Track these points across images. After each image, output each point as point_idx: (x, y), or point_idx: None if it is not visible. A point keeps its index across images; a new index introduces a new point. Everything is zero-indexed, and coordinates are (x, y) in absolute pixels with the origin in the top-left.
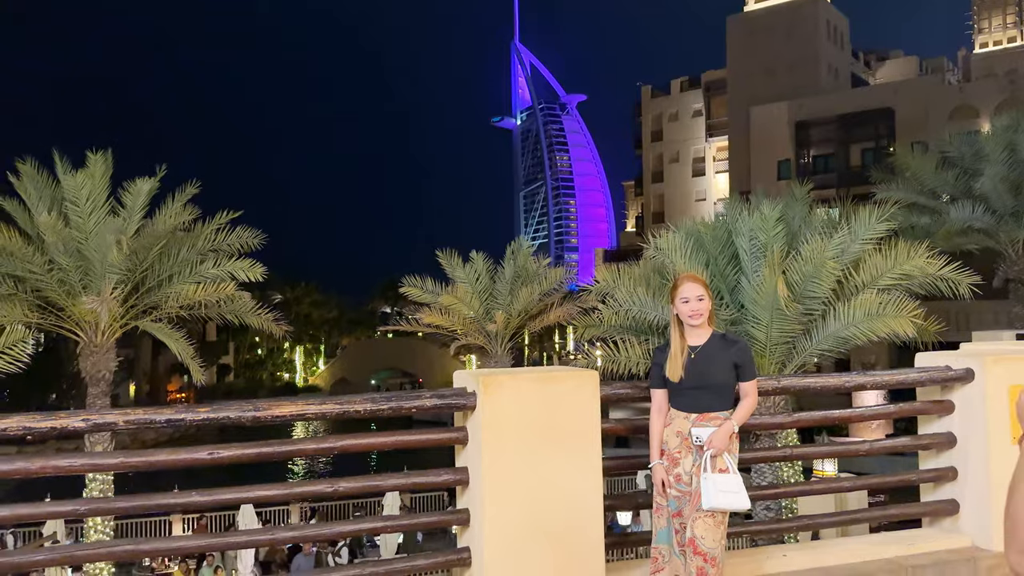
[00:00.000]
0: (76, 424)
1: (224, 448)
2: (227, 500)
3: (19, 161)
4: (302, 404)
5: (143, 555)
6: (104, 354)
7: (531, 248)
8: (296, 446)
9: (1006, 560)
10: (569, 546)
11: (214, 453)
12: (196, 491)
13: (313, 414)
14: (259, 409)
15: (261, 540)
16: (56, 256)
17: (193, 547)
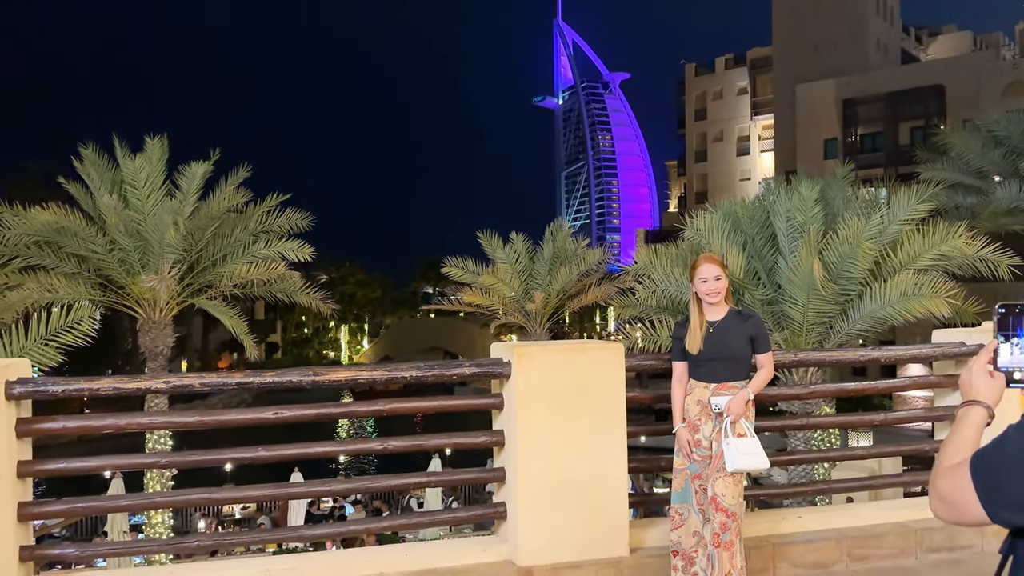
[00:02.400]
0: (158, 386)
1: (287, 409)
2: (291, 455)
3: (81, 146)
4: (355, 370)
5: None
6: (162, 330)
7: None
8: (351, 408)
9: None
10: (595, 502)
11: (279, 413)
12: (262, 446)
13: (365, 379)
14: (318, 374)
15: (320, 491)
16: (117, 236)
17: (256, 496)
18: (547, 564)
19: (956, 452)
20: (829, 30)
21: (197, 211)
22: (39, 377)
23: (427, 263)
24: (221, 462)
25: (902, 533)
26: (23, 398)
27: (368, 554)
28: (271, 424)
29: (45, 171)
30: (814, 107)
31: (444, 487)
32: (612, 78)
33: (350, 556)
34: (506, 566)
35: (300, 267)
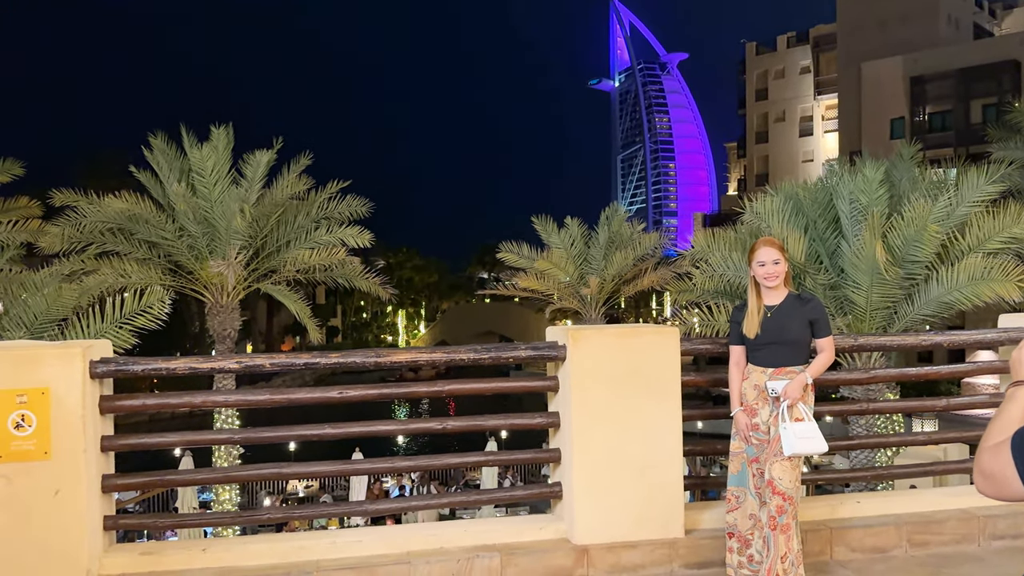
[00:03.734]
0: (231, 366)
1: (352, 388)
2: (355, 432)
3: (151, 136)
4: (415, 352)
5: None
6: (229, 314)
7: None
8: (411, 388)
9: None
10: (650, 483)
11: (344, 392)
12: (328, 424)
13: (425, 361)
14: (380, 356)
15: (382, 467)
16: (185, 223)
17: (321, 472)
18: (602, 543)
19: (1001, 430)
20: (897, 5)
21: (262, 198)
22: (121, 357)
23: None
24: (290, 438)
25: (964, 519)
26: (106, 376)
27: (429, 529)
28: (336, 403)
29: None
30: (880, 85)
31: (500, 468)
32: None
33: (412, 531)
34: (562, 544)
35: (359, 253)
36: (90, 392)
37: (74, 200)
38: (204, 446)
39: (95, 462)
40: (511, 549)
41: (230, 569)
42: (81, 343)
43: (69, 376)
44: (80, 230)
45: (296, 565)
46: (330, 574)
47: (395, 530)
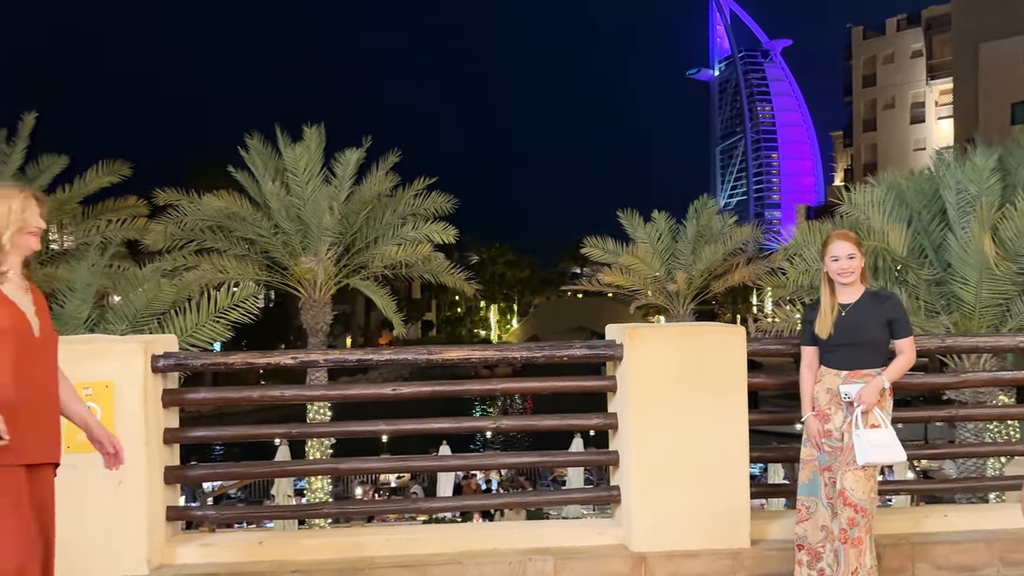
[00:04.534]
0: (286, 361)
1: (405, 385)
2: (407, 430)
3: (248, 136)
4: (468, 349)
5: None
6: (321, 308)
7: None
8: (465, 386)
9: None
10: (714, 490)
11: (397, 389)
12: (383, 420)
13: (477, 359)
14: (432, 353)
15: (455, 464)
16: (280, 221)
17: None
18: (662, 551)
19: None
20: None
21: (351, 196)
22: (183, 352)
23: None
24: (341, 434)
25: None
26: (167, 371)
27: (485, 529)
28: (389, 400)
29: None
30: (1000, 68)
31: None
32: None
33: (466, 531)
34: (619, 550)
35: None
36: (152, 386)
37: (176, 199)
38: (264, 439)
39: (158, 454)
40: (566, 553)
41: (285, 563)
42: (144, 338)
43: (131, 370)
44: (182, 228)
45: (350, 561)
46: (383, 571)
47: (450, 529)
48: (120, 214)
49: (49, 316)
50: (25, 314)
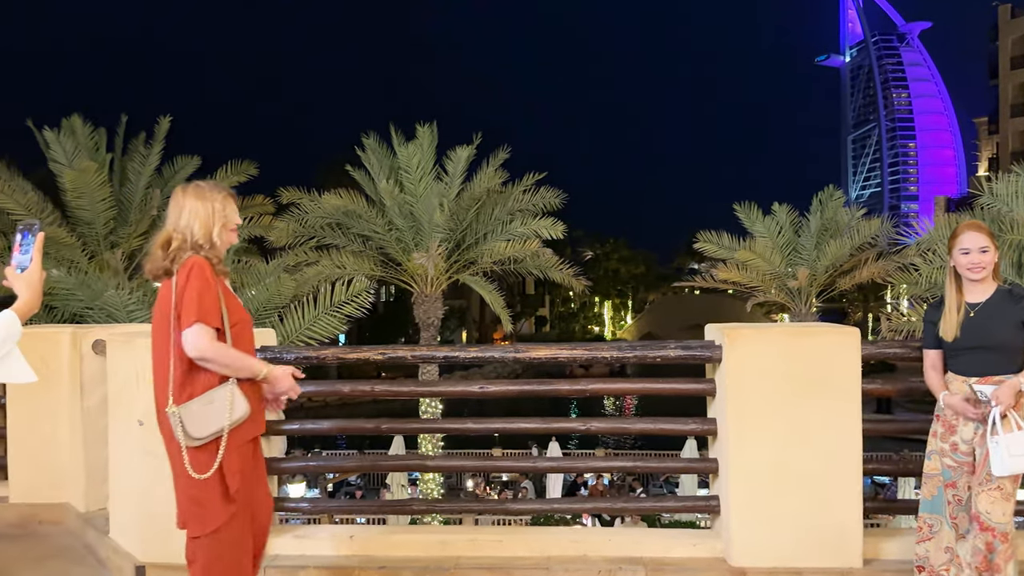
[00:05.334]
0: (375, 356)
1: (492, 384)
2: (495, 429)
3: (364, 136)
4: (555, 348)
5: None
6: (433, 303)
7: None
8: (552, 385)
9: None
10: (822, 503)
11: (484, 387)
12: (471, 419)
13: (565, 358)
14: (519, 351)
15: (563, 467)
16: (394, 218)
17: (505, 467)
18: (763, 567)
19: None
20: None
21: (461, 193)
22: (278, 346)
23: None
24: (431, 430)
25: None
26: None
27: (572, 535)
28: (477, 397)
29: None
30: None
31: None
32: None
33: (554, 535)
34: (717, 564)
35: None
36: None
37: (299, 198)
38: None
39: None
40: (659, 564)
41: (373, 558)
42: None
43: None
44: (303, 225)
45: (436, 560)
46: (468, 572)
47: (537, 532)
48: (248, 212)
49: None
50: (239, 301)
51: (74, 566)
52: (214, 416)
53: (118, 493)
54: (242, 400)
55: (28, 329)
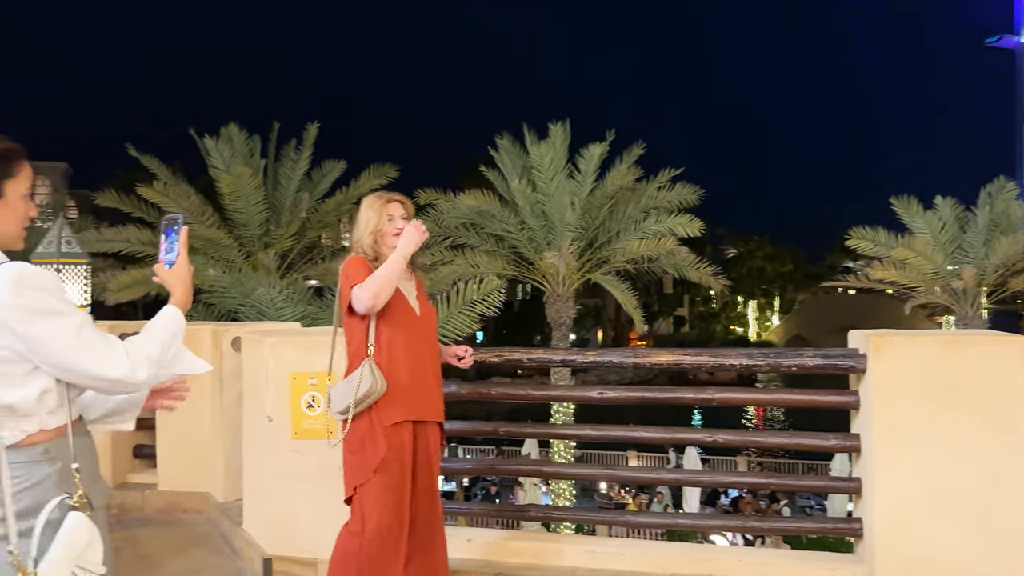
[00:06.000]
0: (491, 359)
1: (611, 389)
2: (613, 437)
3: (498, 136)
4: (678, 354)
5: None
6: (564, 302)
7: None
8: (675, 393)
9: None
10: (982, 530)
11: (603, 393)
12: (589, 425)
13: (688, 364)
14: (638, 356)
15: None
16: (526, 217)
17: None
18: None
19: None
20: None
21: (594, 191)
22: None
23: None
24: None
25: None
26: None
27: (699, 552)
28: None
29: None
30: None
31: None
32: None
33: (679, 552)
34: None
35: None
36: None
37: (435, 198)
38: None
39: None
40: None
41: (490, 563)
42: None
43: None
44: (439, 225)
45: (552, 568)
46: None
47: (661, 547)
48: None
49: (427, 299)
50: (407, 298)
51: (212, 555)
52: (348, 393)
53: (250, 486)
54: (368, 378)
55: None
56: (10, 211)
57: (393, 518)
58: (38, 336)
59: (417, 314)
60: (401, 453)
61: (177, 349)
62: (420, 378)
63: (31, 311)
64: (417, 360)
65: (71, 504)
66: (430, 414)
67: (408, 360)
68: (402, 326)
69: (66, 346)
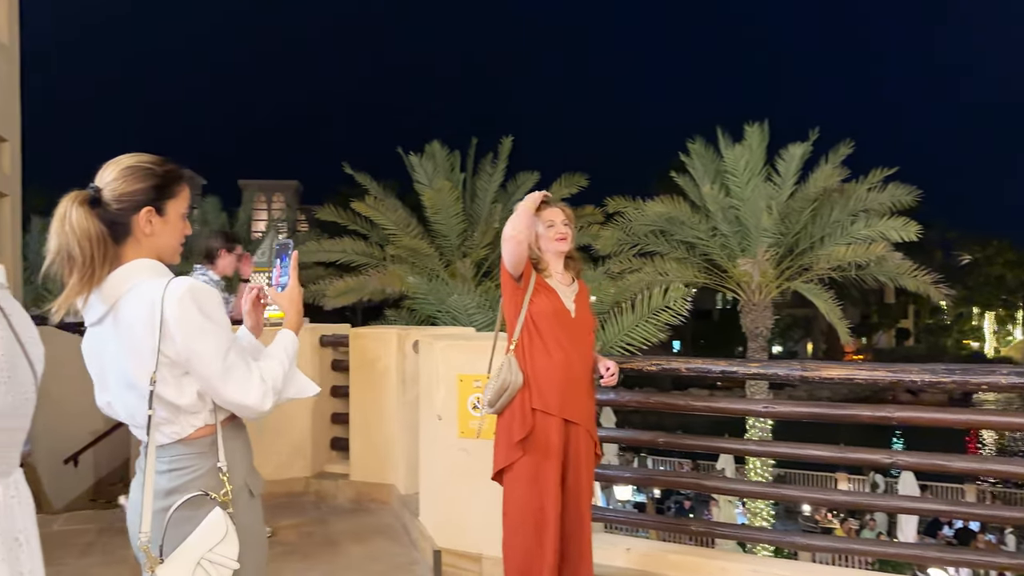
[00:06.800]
0: (649, 368)
1: (778, 404)
2: (780, 453)
3: (689, 141)
4: (852, 368)
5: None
6: (761, 312)
7: None
8: (849, 411)
9: None
10: None
11: (769, 407)
12: (753, 441)
13: (863, 379)
14: (806, 369)
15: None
16: (718, 223)
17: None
18: None
19: None
20: None
21: (794, 194)
22: None
23: None
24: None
25: None
26: None
27: None
28: (759, 416)
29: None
30: None
31: None
32: None
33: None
34: None
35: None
36: None
37: (623, 206)
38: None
39: None
40: None
41: (645, 573)
42: None
43: None
44: (628, 233)
45: None
46: None
47: (836, 573)
48: (579, 222)
49: (586, 305)
50: (563, 300)
51: (391, 543)
52: (490, 386)
53: (424, 481)
54: (505, 369)
55: (368, 329)
56: (170, 228)
57: (532, 508)
58: (193, 351)
59: (572, 317)
60: (546, 445)
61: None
62: (569, 379)
63: (192, 327)
64: (567, 361)
65: (215, 499)
66: (577, 416)
67: (557, 359)
68: (553, 325)
69: (213, 367)
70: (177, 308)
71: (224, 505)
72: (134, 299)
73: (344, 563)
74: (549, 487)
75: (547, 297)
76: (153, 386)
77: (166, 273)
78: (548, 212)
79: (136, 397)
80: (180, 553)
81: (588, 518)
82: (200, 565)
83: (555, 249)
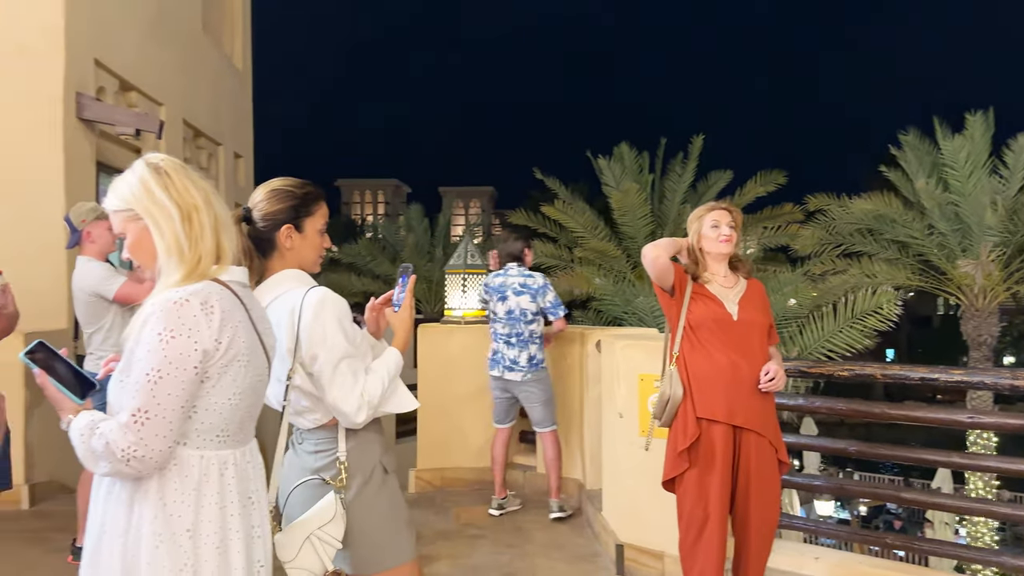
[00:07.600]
0: (841, 373)
1: (986, 414)
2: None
3: (902, 133)
4: None
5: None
6: (985, 319)
7: None
8: None
9: None
10: None
11: (974, 418)
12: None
13: None
14: (1017, 378)
15: None
16: (934, 221)
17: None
18: None
19: None
20: None
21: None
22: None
23: None
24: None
25: None
26: None
27: None
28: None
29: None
30: None
31: None
32: None
33: None
34: None
35: None
36: None
37: (826, 204)
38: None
39: None
40: None
41: None
42: None
43: None
44: (830, 232)
45: None
46: None
47: None
48: (776, 221)
49: (754, 307)
50: (724, 304)
51: (575, 534)
52: (656, 398)
53: (607, 476)
54: (666, 383)
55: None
56: (308, 243)
57: (696, 518)
58: (313, 355)
59: (734, 319)
60: (711, 455)
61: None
62: (736, 383)
63: (316, 334)
64: (733, 365)
65: (330, 483)
66: (749, 421)
67: (721, 363)
68: (714, 331)
69: (324, 372)
70: (309, 315)
71: (338, 491)
72: (279, 305)
73: (530, 549)
74: (712, 498)
75: (705, 304)
76: (289, 381)
77: (308, 282)
78: (715, 213)
79: (281, 389)
80: (294, 527)
81: (767, 525)
82: (309, 540)
83: (718, 251)
